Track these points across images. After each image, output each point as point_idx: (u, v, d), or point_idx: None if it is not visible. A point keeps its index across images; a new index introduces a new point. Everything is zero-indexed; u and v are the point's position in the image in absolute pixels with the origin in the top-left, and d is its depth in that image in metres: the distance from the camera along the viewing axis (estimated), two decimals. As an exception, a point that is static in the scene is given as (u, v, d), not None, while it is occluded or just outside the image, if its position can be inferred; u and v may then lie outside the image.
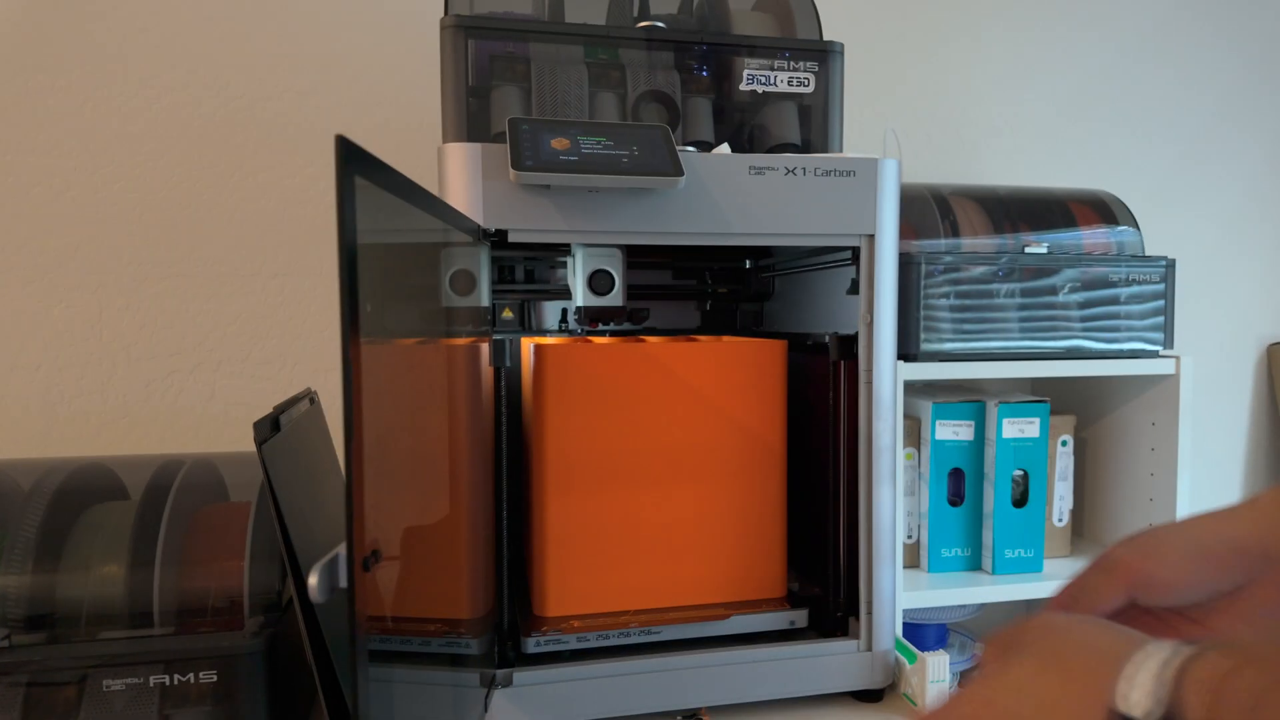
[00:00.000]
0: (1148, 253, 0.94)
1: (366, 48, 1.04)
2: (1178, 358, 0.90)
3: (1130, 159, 1.28)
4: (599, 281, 0.71)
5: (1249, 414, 1.34)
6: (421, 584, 0.48)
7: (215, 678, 0.58)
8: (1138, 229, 0.95)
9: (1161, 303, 0.90)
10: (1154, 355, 0.91)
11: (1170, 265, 0.90)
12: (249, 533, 0.62)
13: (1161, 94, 1.28)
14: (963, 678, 0.43)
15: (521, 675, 0.65)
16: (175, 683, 0.57)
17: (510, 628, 0.69)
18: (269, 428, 0.51)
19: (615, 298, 0.71)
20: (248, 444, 0.51)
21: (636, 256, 0.74)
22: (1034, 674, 0.34)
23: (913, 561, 0.94)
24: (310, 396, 0.67)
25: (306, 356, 1.03)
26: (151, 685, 0.57)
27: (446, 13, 0.75)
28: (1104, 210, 0.96)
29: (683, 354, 0.71)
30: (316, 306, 1.03)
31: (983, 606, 1.22)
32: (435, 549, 0.52)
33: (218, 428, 1.01)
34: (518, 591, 0.74)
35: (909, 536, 0.93)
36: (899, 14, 1.20)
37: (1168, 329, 0.90)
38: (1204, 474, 1.32)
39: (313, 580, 0.30)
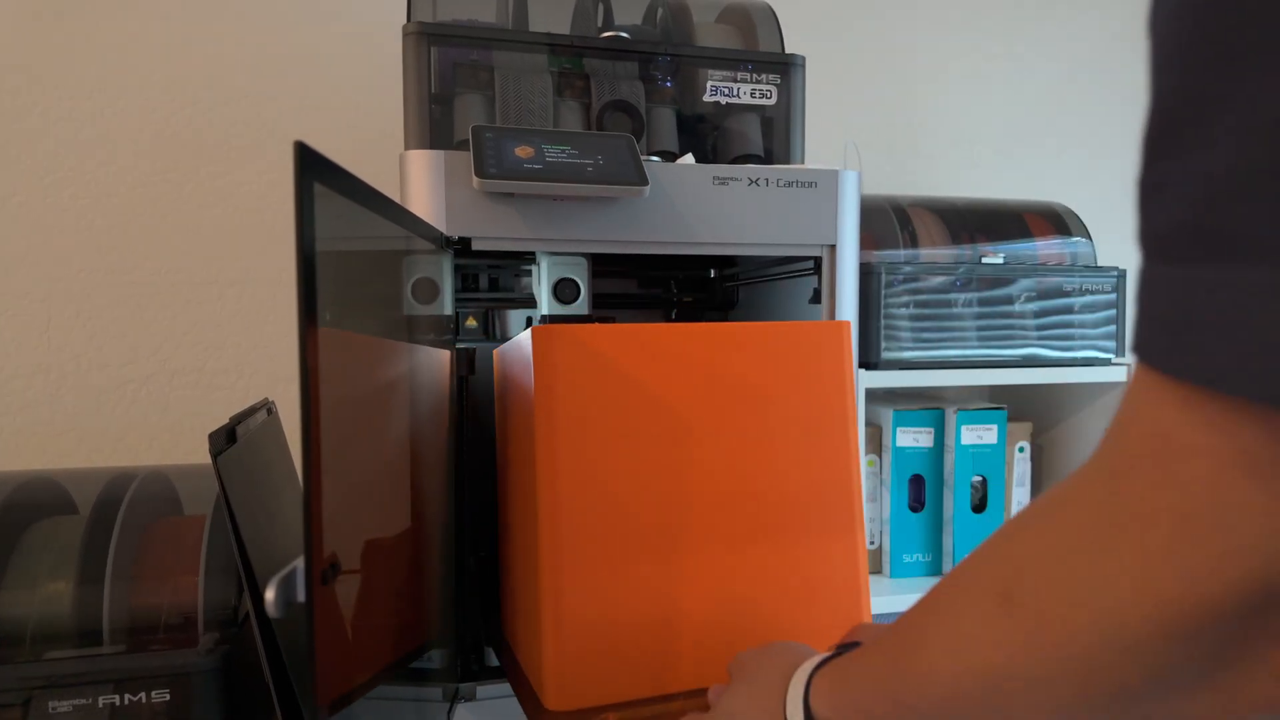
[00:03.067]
0: (1100, 263, 0.96)
1: (327, 52, 1.03)
2: (1129, 365, 0.93)
3: (1083, 172, 1.32)
4: (564, 290, 0.70)
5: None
6: (381, 598, 0.47)
7: (168, 697, 0.56)
8: (1091, 240, 0.98)
9: (1114, 312, 0.92)
10: (1106, 363, 0.93)
11: (1122, 276, 0.93)
12: (204, 547, 0.61)
13: (1113, 110, 1.32)
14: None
15: (485, 689, 0.65)
16: (126, 703, 0.55)
17: (473, 641, 0.68)
18: (225, 439, 0.50)
19: (581, 306, 0.71)
20: (203, 456, 0.50)
21: (602, 265, 0.74)
22: (737, 694, 0.41)
23: (875, 566, 0.95)
24: (268, 407, 0.66)
25: (264, 367, 1.01)
26: (101, 706, 0.55)
27: (409, 19, 0.75)
28: (1058, 222, 0.99)
29: (728, 339, 0.54)
30: (275, 315, 1.02)
31: (944, 611, 1.23)
32: (396, 561, 0.51)
33: (172, 440, 0.98)
34: (487, 606, 0.73)
35: (871, 542, 0.94)
36: (859, 28, 1.22)
37: (1119, 337, 0.93)
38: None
39: (269, 594, 0.30)
